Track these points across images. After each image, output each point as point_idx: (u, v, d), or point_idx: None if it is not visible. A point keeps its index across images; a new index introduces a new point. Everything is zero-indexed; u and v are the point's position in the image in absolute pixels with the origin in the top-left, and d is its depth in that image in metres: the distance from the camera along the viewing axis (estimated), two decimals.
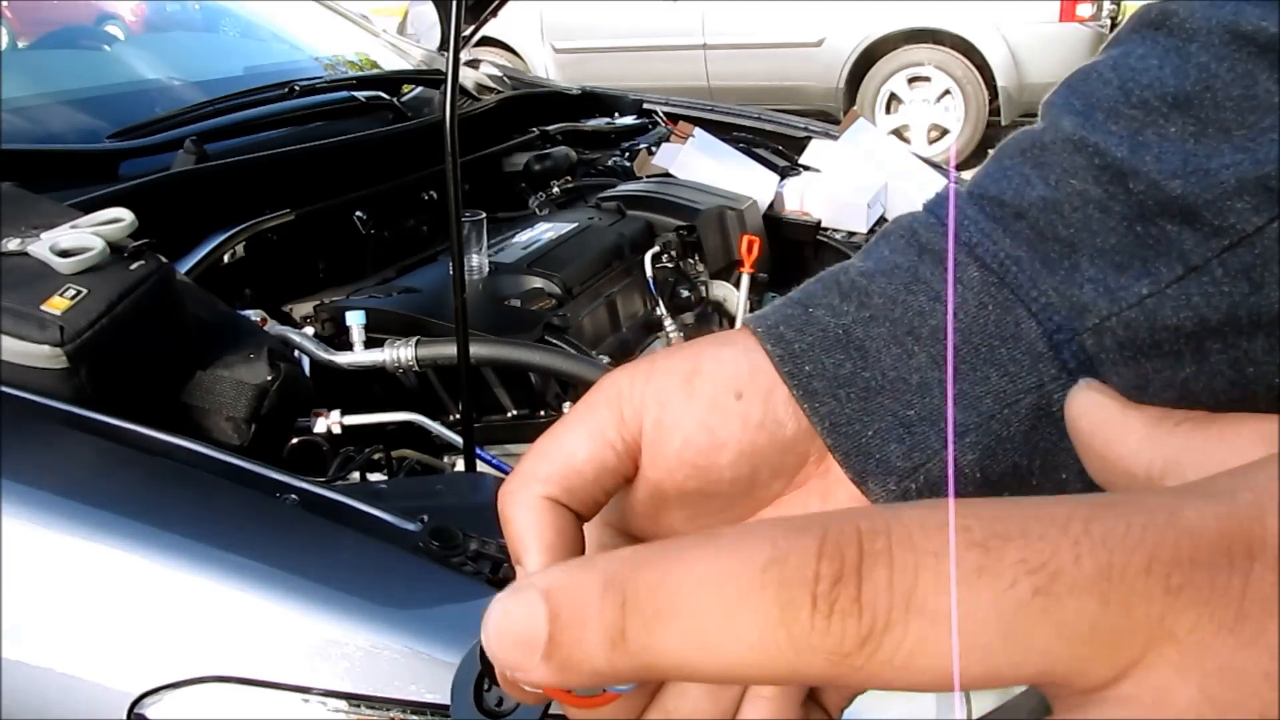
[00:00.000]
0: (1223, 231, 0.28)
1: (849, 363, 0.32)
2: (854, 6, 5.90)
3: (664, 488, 0.33)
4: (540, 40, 6.57)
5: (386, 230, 1.69)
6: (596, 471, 0.33)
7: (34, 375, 0.94)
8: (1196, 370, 0.29)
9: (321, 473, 1.07)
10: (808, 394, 0.32)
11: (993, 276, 0.31)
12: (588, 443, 0.33)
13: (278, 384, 1.07)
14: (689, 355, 0.33)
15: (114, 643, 0.82)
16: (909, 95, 5.93)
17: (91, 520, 0.84)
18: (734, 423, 0.32)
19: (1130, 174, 0.29)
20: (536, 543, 0.32)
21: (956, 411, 0.31)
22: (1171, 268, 0.29)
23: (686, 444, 0.32)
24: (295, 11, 2.27)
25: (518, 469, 0.33)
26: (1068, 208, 0.30)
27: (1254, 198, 0.28)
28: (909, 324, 0.32)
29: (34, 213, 1.08)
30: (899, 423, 0.31)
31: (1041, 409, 0.30)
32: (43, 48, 2.07)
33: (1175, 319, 0.29)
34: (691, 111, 2.43)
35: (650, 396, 0.33)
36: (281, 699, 0.79)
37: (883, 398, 0.32)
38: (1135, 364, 0.29)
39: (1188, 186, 0.28)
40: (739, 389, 0.32)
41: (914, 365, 0.32)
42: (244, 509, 0.90)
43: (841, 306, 0.33)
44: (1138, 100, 0.30)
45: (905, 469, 0.31)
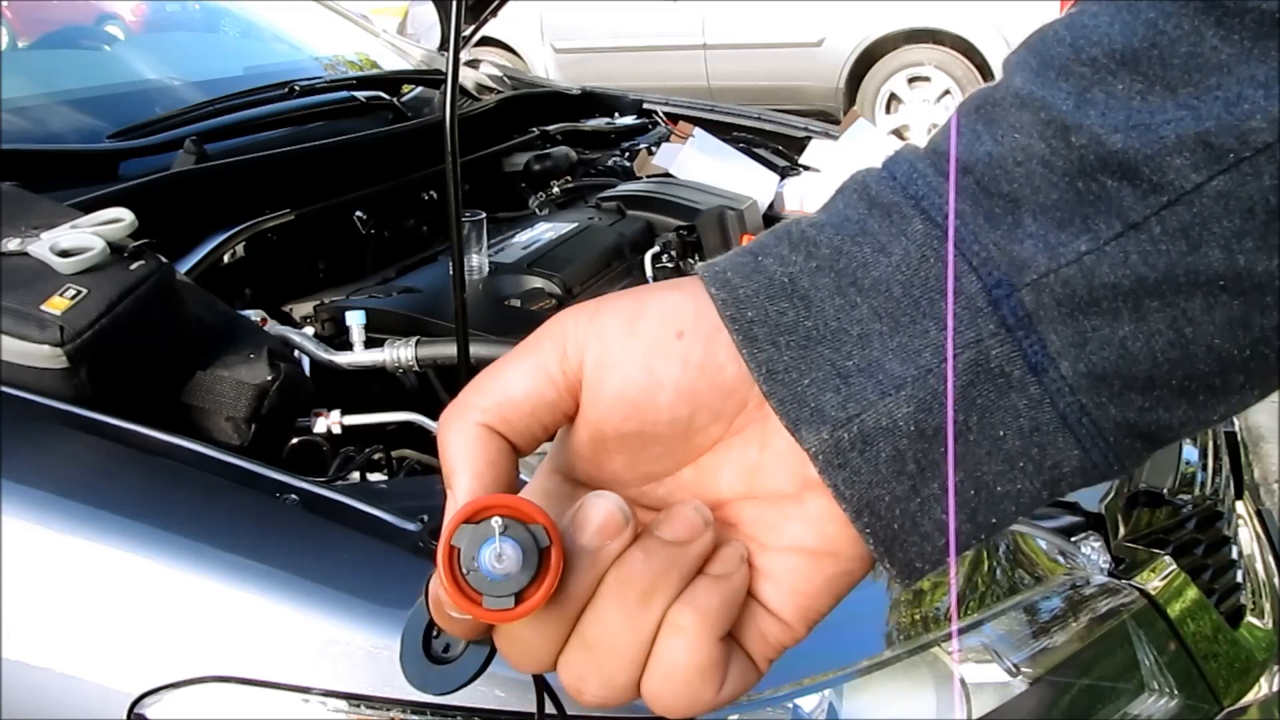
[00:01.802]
0: (1161, 188, 0.28)
1: (792, 311, 0.32)
2: (854, 6, 5.90)
3: (603, 430, 0.34)
4: (540, 40, 6.57)
5: (386, 230, 1.69)
6: (534, 405, 0.33)
7: (34, 375, 0.94)
8: (1135, 329, 0.29)
9: (321, 473, 1.07)
10: (747, 339, 0.32)
11: (936, 230, 0.31)
12: (528, 377, 0.33)
13: (278, 384, 1.07)
14: (635, 297, 0.34)
15: (114, 643, 0.82)
16: (909, 95, 5.93)
17: (91, 520, 0.84)
18: (674, 363, 0.33)
19: (1073, 128, 0.29)
20: (467, 469, 0.33)
21: (894, 365, 0.31)
22: (1110, 224, 0.29)
23: (625, 381, 0.33)
24: (295, 11, 2.27)
25: (459, 398, 0.34)
26: (1011, 162, 0.30)
27: (1193, 154, 0.27)
28: (852, 275, 0.32)
29: (34, 213, 1.08)
30: (836, 373, 0.32)
31: (979, 364, 0.31)
32: (43, 48, 2.07)
33: (1113, 276, 0.29)
34: (691, 111, 2.43)
35: (593, 334, 0.33)
36: (281, 699, 0.79)
37: (822, 347, 0.32)
38: (1073, 321, 0.30)
39: (1128, 141, 0.28)
40: (681, 329, 0.33)
41: (855, 316, 0.32)
42: (244, 509, 0.90)
43: (790, 256, 0.33)
44: (1087, 58, 0.30)
45: (839, 419, 0.31)
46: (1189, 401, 0.30)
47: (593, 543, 0.32)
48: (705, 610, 0.32)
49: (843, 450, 0.31)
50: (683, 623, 0.32)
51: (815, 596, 0.34)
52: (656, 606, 0.32)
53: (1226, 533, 1.32)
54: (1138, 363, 0.29)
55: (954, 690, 0.92)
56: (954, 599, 1.03)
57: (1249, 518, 1.46)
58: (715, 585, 0.33)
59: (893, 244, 0.32)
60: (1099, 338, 0.29)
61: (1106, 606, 1.07)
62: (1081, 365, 0.30)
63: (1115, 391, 0.30)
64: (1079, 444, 0.31)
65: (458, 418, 0.34)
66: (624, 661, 0.32)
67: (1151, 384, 0.30)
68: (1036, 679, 0.96)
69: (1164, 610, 1.10)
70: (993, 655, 0.96)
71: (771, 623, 0.34)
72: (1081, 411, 0.30)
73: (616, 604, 0.32)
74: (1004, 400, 0.31)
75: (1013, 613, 1.01)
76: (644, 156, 2.13)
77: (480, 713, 0.78)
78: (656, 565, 0.32)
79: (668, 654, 0.32)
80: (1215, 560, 1.26)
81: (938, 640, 0.93)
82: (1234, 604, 1.26)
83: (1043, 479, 0.32)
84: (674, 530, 0.33)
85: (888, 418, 0.31)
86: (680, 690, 0.32)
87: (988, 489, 0.32)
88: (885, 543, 0.33)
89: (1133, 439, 0.31)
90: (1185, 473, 1.31)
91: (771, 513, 0.34)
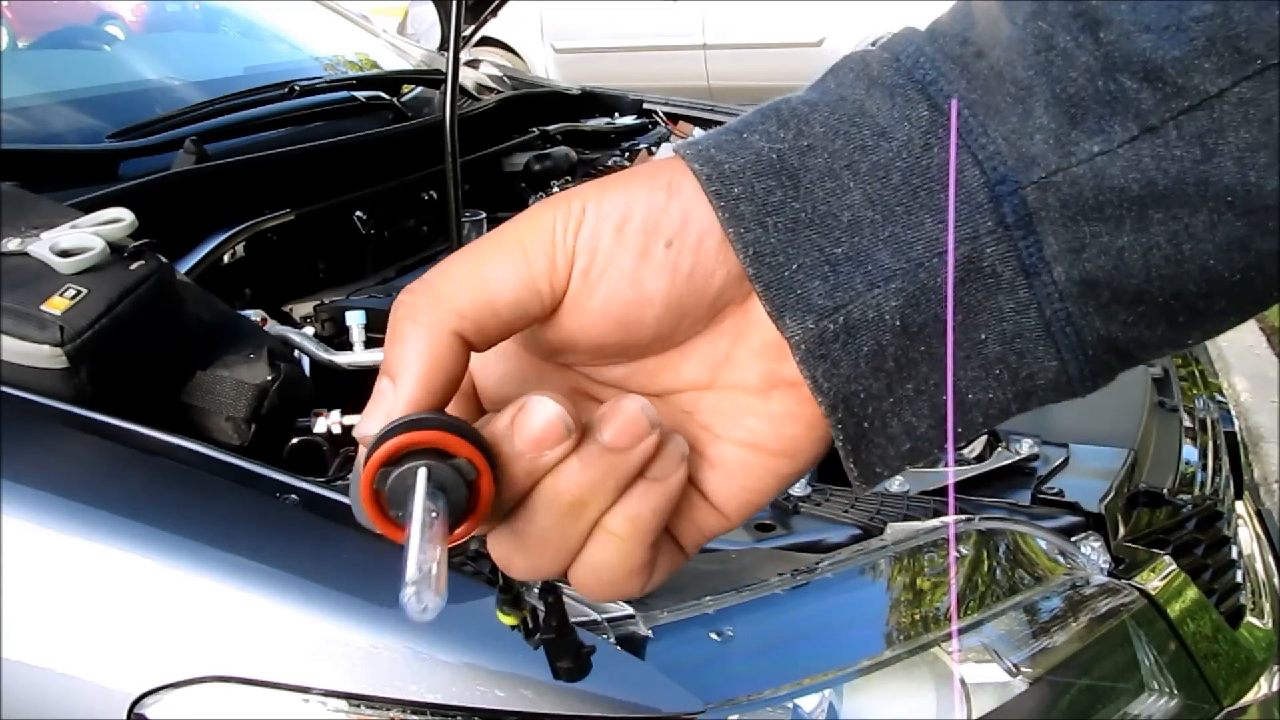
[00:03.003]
0: (1184, 92, 0.27)
1: (780, 190, 0.31)
2: (854, 6, 5.90)
3: (579, 339, 0.32)
4: (540, 40, 6.57)
5: (386, 230, 1.69)
6: (514, 318, 0.32)
7: (34, 375, 0.94)
8: (1134, 239, 0.28)
9: (321, 473, 1.07)
10: (734, 217, 0.31)
11: (942, 118, 0.30)
12: (516, 287, 0.31)
13: (278, 384, 1.07)
14: (622, 198, 0.32)
15: (114, 643, 0.82)
16: None
17: (91, 520, 0.84)
18: (662, 275, 0.31)
19: (1104, 22, 0.28)
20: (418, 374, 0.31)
21: (885, 255, 0.30)
22: (1127, 127, 0.28)
23: (611, 299, 0.31)
24: (295, 11, 2.27)
25: (431, 283, 0.32)
26: (1030, 49, 0.29)
27: (1221, 58, 0.27)
28: (848, 157, 0.31)
29: (34, 213, 1.08)
30: (825, 259, 0.30)
31: (971, 262, 0.30)
32: (43, 48, 2.07)
33: (1123, 179, 0.28)
34: (691, 111, 2.43)
35: (582, 244, 0.31)
36: (281, 699, 0.79)
37: (810, 231, 0.31)
38: (1074, 225, 0.29)
39: (1159, 42, 0.27)
40: (669, 237, 0.31)
41: (847, 201, 0.31)
42: (244, 509, 0.90)
43: (778, 133, 0.32)
44: None
45: (825, 308, 0.30)
46: (1169, 322, 0.30)
47: (530, 452, 0.31)
48: (638, 517, 0.31)
49: (826, 341, 0.31)
50: (615, 529, 0.31)
51: (759, 491, 0.33)
52: (589, 515, 0.31)
53: (1226, 533, 1.32)
54: (1131, 275, 0.29)
55: (954, 690, 0.92)
56: (954, 599, 1.03)
57: (1249, 518, 1.46)
58: (651, 490, 0.31)
59: (894, 129, 0.30)
60: (1098, 245, 0.29)
61: (1106, 606, 1.07)
62: (1075, 271, 0.29)
63: (1103, 302, 0.29)
64: (1058, 354, 0.30)
65: (430, 311, 0.31)
66: (552, 555, 0.32)
67: (1139, 299, 0.29)
68: (1036, 679, 0.96)
69: (1164, 610, 1.10)
70: (993, 655, 0.96)
71: (709, 513, 0.34)
72: (1067, 320, 0.30)
73: (547, 509, 0.31)
74: (990, 301, 0.30)
75: (1013, 613, 1.01)
76: (644, 157, 2.13)
77: (480, 713, 0.78)
78: (592, 475, 0.31)
79: (597, 555, 0.32)
80: (1215, 560, 1.26)
81: (938, 640, 0.93)
82: (1234, 604, 1.26)
83: (1015, 389, 0.31)
84: (615, 436, 0.31)
85: (874, 310, 0.30)
86: (606, 587, 0.32)
87: (959, 395, 0.31)
88: (853, 440, 0.32)
89: (1110, 355, 0.31)
90: (1185, 473, 1.31)
91: (731, 405, 0.33)
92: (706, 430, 0.34)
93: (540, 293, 0.31)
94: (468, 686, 0.78)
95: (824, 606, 0.95)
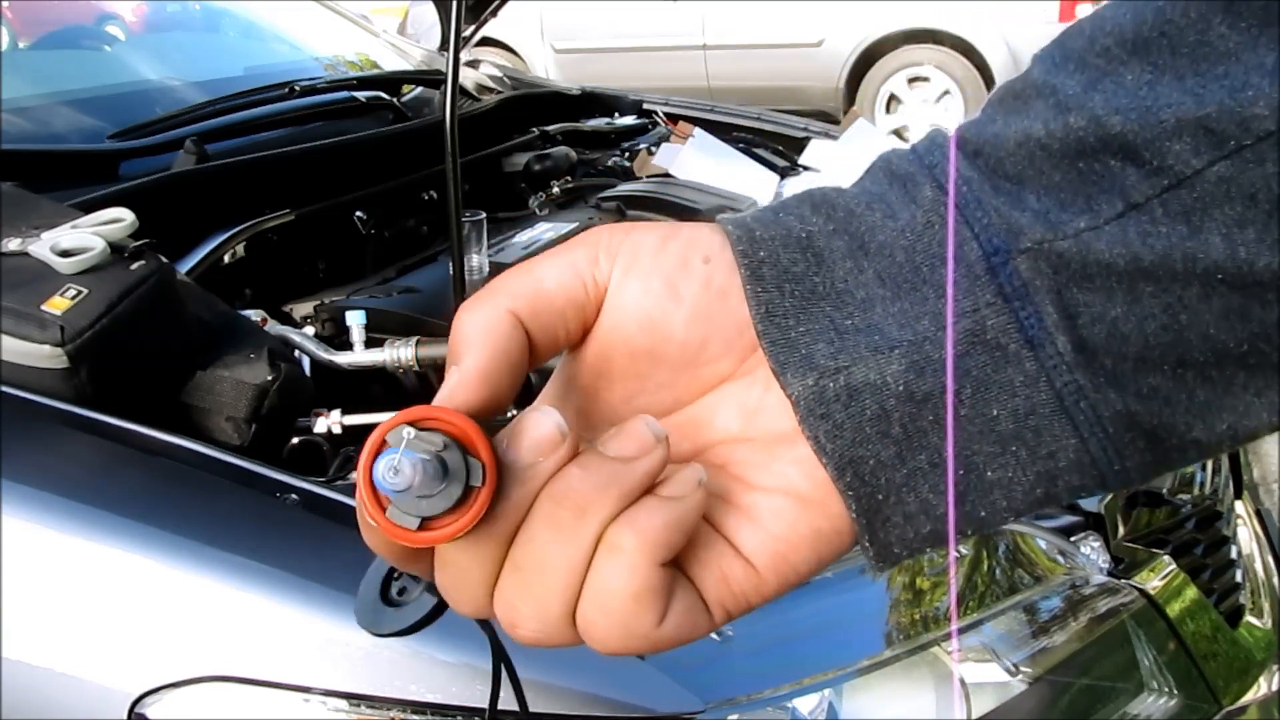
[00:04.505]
0: (1163, 171, 0.28)
1: (803, 263, 0.32)
2: (854, 7, 5.90)
3: (613, 346, 0.33)
4: (540, 40, 6.57)
5: (386, 230, 1.69)
6: (566, 300, 0.33)
7: (34, 375, 0.94)
8: (1127, 310, 0.29)
9: (322, 473, 1.07)
10: (754, 276, 0.32)
11: (944, 195, 0.31)
12: (562, 271, 0.33)
13: (278, 384, 1.07)
14: (665, 226, 0.34)
15: (114, 643, 0.82)
16: (909, 95, 5.93)
17: (91, 520, 0.84)
18: (696, 282, 0.33)
19: (1074, 109, 0.29)
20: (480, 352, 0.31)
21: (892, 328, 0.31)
22: (1112, 204, 0.29)
23: (646, 292, 0.33)
24: (295, 12, 2.27)
25: (488, 285, 0.33)
26: (1012, 144, 0.31)
27: (1194, 139, 0.27)
28: (861, 238, 0.32)
29: (34, 213, 1.08)
30: (833, 327, 0.31)
31: (975, 334, 0.30)
32: (43, 48, 2.07)
33: (1108, 254, 0.28)
34: (691, 111, 2.43)
35: (626, 246, 0.33)
36: (282, 699, 0.79)
37: (825, 304, 0.32)
38: (1067, 292, 0.29)
39: (1127, 123, 0.28)
40: (707, 255, 0.33)
41: (862, 280, 0.32)
42: (244, 509, 0.90)
43: (810, 217, 0.33)
44: (1101, 48, 0.30)
45: (828, 367, 0.31)
46: (1189, 398, 0.29)
47: (525, 458, 0.30)
48: (645, 530, 0.30)
49: (826, 400, 0.31)
50: (619, 542, 0.30)
51: (794, 548, 0.32)
52: (591, 525, 0.30)
53: (1226, 532, 1.32)
54: (1128, 343, 0.29)
55: (954, 690, 0.92)
56: (954, 599, 1.04)
57: (1248, 518, 1.46)
58: (661, 506, 0.30)
59: (901, 209, 0.32)
60: (1090, 314, 0.29)
61: (1106, 606, 1.07)
62: (1075, 340, 0.29)
63: (1109, 371, 0.29)
64: (1075, 430, 0.30)
65: (486, 299, 0.32)
66: (556, 585, 0.30)
67: (1143, 365, 0.29)
68: (1036, 679, 0.96)
69: (1163, 610, 1.10)
70: (992, 655, 0.96)
71: (738, 565, 0.32)
72: (1079, 393, 0.30)
73: (547, 522, 0.30)
74: (999, 374, 0.30)
75: (1012, 613, 1.01)
76: (644, 156, 2.13)
77: (481, 712, 0.78)
78: (594, 480, 0.30)
79: (602, 577, 0.30)
80: (1214, 560, 1.26)
81: (937, 640, 0.93)
82: (1233, 604, 1.26)
83: (1037, 470, 0.31)
84: (619, 445, 0.31)
85: (877, 373, 0.31)
86: (614, 619, 0.30)
87: (977, 472, 0.31)
88: (868, 514, 0.31)
89: (1134, 435, 0.30)
90: (1184, 473, 1.31)
91: (763, 454, 0.33)
92: (739, 481, 0.33)
93: (584, 279, 0.33)
94: (468, 686, 0.78)
95: (824, 606, 0.95)
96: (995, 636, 0.98)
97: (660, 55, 6.26)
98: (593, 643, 0.31)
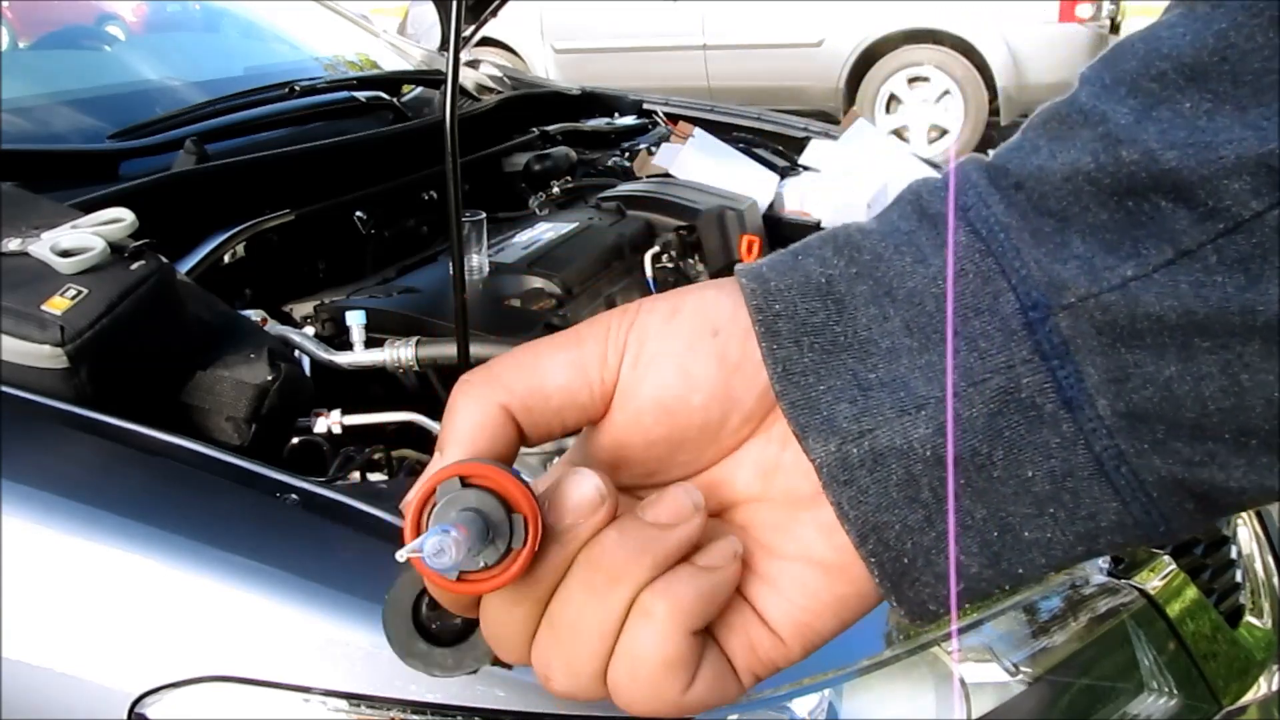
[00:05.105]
0: (1217, 214, 0.25)
1: (823, 312, 0.31)
2: (854, 7, 5.90)
3: (630, 437, 0.32)
4: (540, 40, 6.57)
5: (386, 230, 1.69)
6: (563, 403, 0.32)
7: (34, 375, 0.94)
8: (1181, 370, 0.26)
9: (321, 473, 1.07)
10: (769, 333, 0.31)
11: (979, 243, 0.29)
12: (566, 372, 0.32)
13: (278, 384, 1.07)
14: (673, 296, 0.33)
15: (114, 643, 0.82)
16: (909, 95, 5.93)
17: (91, 520, 0.84)
18: (709, 362, 0.31)
19: (1126, 143, 0.27)
20: (469, 444, 0.31)
21: (919, 383, 0.29)
22: (1161, 250, 0.26)
23: (659, 387, 0.32)
24: (295, 12, 2.27)
25: (489, 366, 0.33)
26: (1059, 178, 0.28)
27: (1254, 179, 0.25)
28: (888, 284, 0.30)
29: (34, 213, 1.08)
30: (856, 383, 0.30)
31: (1008, 393, 0.28)
32: (43, 48, 2.07)
33: (1158, 307, 0.26)
34: (691, 111, 2.42)
35: (633, 335, 0.32)
36: (281, 699, 0.79)
37: (847, 356, 0.30)
38: (1114, 352, 0.27)
39: (1183, 159, 0.26)
40: (716, 327, 0.32)
41: (888, 329, 0.30)
42: (244, 509, 0.90)
43: (832, 259, 0.31)
44: (1156, 72, 0.28)
45: (850, 431, 0.30)
46: (1248, 462, 0.27)
47: (565, 521, 0.30)
48: (678, 599, 0.30)
49: (850, 466, 0.30)
50: (652, 609, 0.30)
51: (818, 615, 0.32)
52: (625, 590, 0.30)
53: (1226, 532, 1.32)
54: (1184, 408, 0.26)
55: (953, 690, 0.92)
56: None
57: (1248, 517, 1.46)
58: (696, 576, 0.30)
59: (934, 255, 0.30)
60: (1141, 375, 0.27)
61: (1106, 606, 1.07)
62: (1121, 404, 0.27)
63: (1158, 439, 0.27)
64: (1117, 495, 0.28)
65: (482, 386, 0.32)
66: (589, 647, 0.30)
67: (1200, 434, 0.27)
68: (1036, 679, 0.96)
69: (1163, 610, 1.10)
70: (992, 655, 0.96)
71: (764, 634, 0.32)
72: (1120, 458, 0.28)
73: (583, 584, 0.30)
74: (1034, 436, 0.28)
75: (1012, 612, 1.01)
76: (644, 156, 2.13)
77: (480, 712, 0.78)
78: (630, 546, 0.30)
79: (633, 642, 0.30)
80: (1214, 560, 1.26)
81: (937, 640, 0.93)
82: (1233, 603, 1.26)
83: (1076, 531, 0.29)
84: (656, 511, 0.31)
85: (903, 437, 0.29)
86: (643, 684, 0.30)
87: (1013, 533, 0.29)
88: (893, 577, 0.30)
89: (1180, 497, 0.28)
90: None
91: (785, 516, 0.32)
92: (762, 547, 0.33)
93: (590, 381, 0.32)
94: (468, 686, 0.78)
95: None
96: (995, 636, 0.98)
97: (660, 55, 6.26)
98: (621, 704, 0.31)
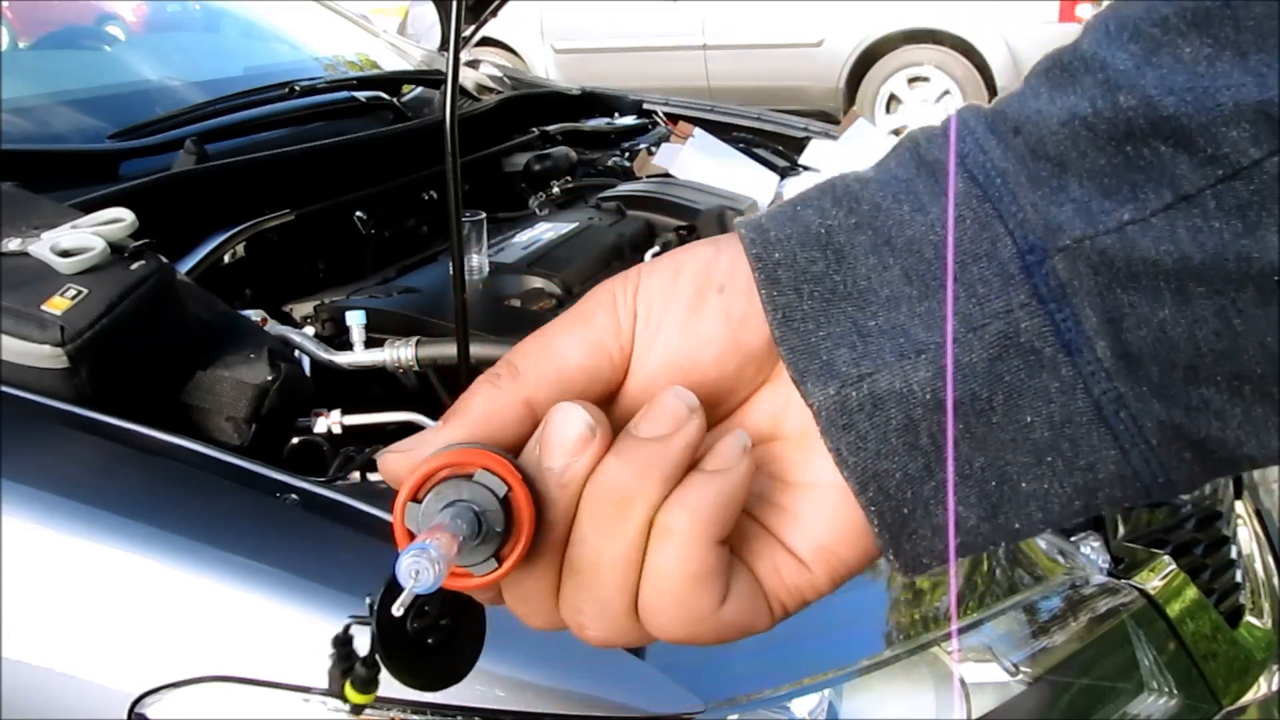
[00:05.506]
0: (1217, 160, 0.25)
1: (822, 261, 0.30)
2: (854, 7, 5.90)
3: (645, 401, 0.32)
4: (540, 40, 6.57)
5: (387, 230, 1.69)
6: (588, 382, 0.31)
7: (34, 375, 0.94)
8: (1176, 313, 0.26)
9: (321, 473, 1.07)
10: (769, 280, 0.30)
11: (977, 189, 0.29)
12: (583, 351, 0.31)
13: (278, 384, 1.07)
14: (673, 256, 0.33)
15: (114, 643, 0.82)
16: (909, 95, 5.93)
17: (91, 520, 0.84)
18: (717, 318, 0.31)
19: (1124, 89, 0.27)
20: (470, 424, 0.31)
21: (919, 330, 0.29)
22: (1160, 194, 0.26)
23: (669, 349, 0.31)
24: (295, 12, 2.27)
25: (509, 360, 0.32)
26: (1055, 122, 0.28)
27: (1252, 126, 0.25)
28: (887, 233, 0.30)
29: (34, 213, 1.08)
30: (856, 330, 0.30)
31: (1008, 337, 0.28)
32: (43, 48, 2.07)
33: (1154, 252, 0.26)
34: (691, 111, 2.43)
35: (641, 301, 0.32)
36: (282, 699, 0.79)
37: (847, 304, 0.30)
38: (1110, 294, 0.27)
39: (1181, 105, 0.26)
40: (720, 283, 0.31)
41: (887, 278, 0.30)
42: (244, 509, 0.90)
43: (831, 210, 0.31)
44: (1158, 17, 0.27)
45: (849, 375, 0.29)
46: (1244, 412, 0.27)
47: (558, 462, 0.29)
48: (695, 510, 0.29)
49: (849, 410, 0.29)
50: (671, 524, 0.29)
51: (840, 539, 0.31)
52: (638, 514, 0.29)
53: (1226, 532, 1.32)
54: (1178, 349, 0.26)
55: (953, 690, 0.92)
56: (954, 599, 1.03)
57: (1248, 517, 1.46)
58: (709, 481, 0.29)
59: (932, 203, 0.30)
60: (1136, 315, 0.27)
61: (1106, 606, 1.07)
62: (1118, 345, 0.27)
63: (1155, 381, 0.27)
64: (1116, 442, 0.28)
65: (508, 381, 0.31)
66: (614, 582, 0.30)
67: (1194, 376, 0.27)
68: (1036, 679, 0.96)
69: (1163, 610, 1.10)
70: (992, 655, 0.96)
71: (789, 560, 0.31)
72: (1119, 402, 0.28)
73: (593, 520, 0.29)
74: (1034, 380, 0.28)
75: (1012, 612, 1.01)
76: (644, 156, 2.13)
77: (480, 712, 0.78)
78: (633, 468, 0.29)
79: (658, 563, 0.29)
80: (1214, 560, 1.26)
81: (937, 640, 0.93)
82: (1233, 604, 1.26)
83: (1074, 482, 0.29)
84: (652, 425, 0.30)
85: (902, 381, 0.29)
86: (675, 602, 0.29)
87: (1011, 484, 0.29)
88: (892, 528, 0.30)
89: (1179, 446, 0.28)
90: None
91: (798, 450, 0.32)
92: (779, 480, 0.32)
93: (609, 352, 0.31)
94: (468, 686, 0.78)
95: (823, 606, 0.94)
96: (995, 636, 0.98)
97: (660, 55, 6.26)
98: (658, 631, 0.30)
